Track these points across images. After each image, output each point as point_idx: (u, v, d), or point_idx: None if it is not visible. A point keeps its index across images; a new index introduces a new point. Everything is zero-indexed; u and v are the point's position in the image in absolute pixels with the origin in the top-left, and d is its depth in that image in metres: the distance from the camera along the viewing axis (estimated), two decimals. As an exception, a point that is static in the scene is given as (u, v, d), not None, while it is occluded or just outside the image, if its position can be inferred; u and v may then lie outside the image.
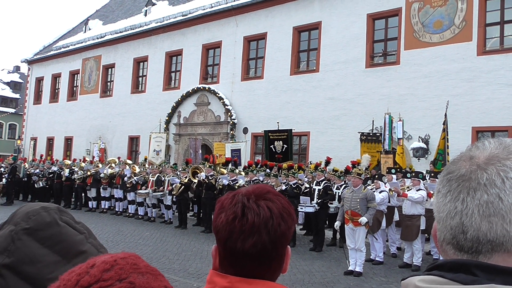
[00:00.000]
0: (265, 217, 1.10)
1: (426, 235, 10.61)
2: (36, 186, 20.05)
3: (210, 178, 14.61)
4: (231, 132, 21.67)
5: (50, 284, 0.94)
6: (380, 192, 10.43)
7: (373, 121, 15.92)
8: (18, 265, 0.92)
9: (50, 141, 32.75)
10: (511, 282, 0.71)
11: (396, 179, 11.53)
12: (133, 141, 26.95)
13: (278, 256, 1.13)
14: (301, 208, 11.84)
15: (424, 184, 10.51)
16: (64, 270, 0.96)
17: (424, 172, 11.93)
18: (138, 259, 0.71)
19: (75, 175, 18.80)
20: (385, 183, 11.17)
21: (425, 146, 15.71)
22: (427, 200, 10.08)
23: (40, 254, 0.94)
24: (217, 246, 1.17)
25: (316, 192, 11.95)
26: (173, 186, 15.23)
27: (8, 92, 52.65)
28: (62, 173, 19.46)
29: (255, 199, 1.13)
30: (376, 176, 11.65)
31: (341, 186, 12.34)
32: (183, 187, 14.99)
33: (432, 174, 11.51)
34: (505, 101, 14.67)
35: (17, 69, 56.60)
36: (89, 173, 18.44)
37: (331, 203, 11.92)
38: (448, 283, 0.73)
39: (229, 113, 21.84)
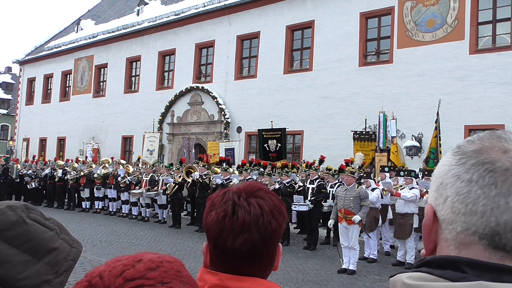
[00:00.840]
0: (256, 214, 1.09)
1: (420, 233, 10.65)
2: (28, 187, 19.93)
3: (204, 177, 14.59)
4: (225, 131, 21.65)
5: (20, 284, 0.92)
6: (372, 190, 10.45)
7: (365, 119, 15.96)
8: None
9: (42, 142, 32.57)
10: (500, 279, 0.70)
11: (390, 178, 11.57)
12: (127, 141, 26.86)
13: (269, 254, 1.13)
14: (295, 207, 11.84)
15: (417, 183, 10.54)
16: (35, 269, 0.94)
17: (417, 171, 11.96)
18: (182, 267, 0.71)
19: (68, 175, 18.71)
20: (376, 181, 11.20)
21: (418, 144, 15.76)
22: (420, 198, 10.12)
23: (8, 255, 0.91)
24: (208, 243, 1.16)
25: (310, 190, 11.96)
26: (167, 185, 15.20)
27: None
28: (55, 173, 19.35)
29: (246, 197, 1.12)
30: (365, 175, 11.68)
31: (335, 184, 12.36)
32: (177, 186, 14.97)
33: (426, 173, 11.55)
34: (497, 99, 14.75)
35: (8, 69, 56.25)
36: (82, 173, 18.36)
37: (325, 202, 11.93)
38: (436, 280, 0.72)
39: (222, 112, 21.82)
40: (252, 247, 1.08)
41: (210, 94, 22.32)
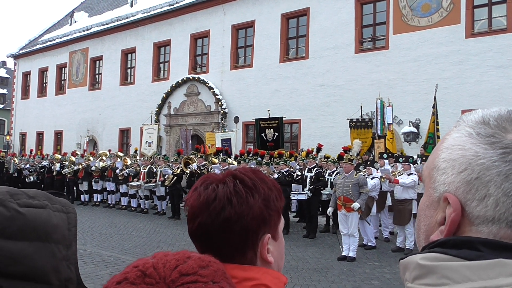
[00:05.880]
0: (207, 200, 1.09)
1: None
2: (27, 180, 19.93)
3: (202, 168, 14.58)
4: (222, 121, 21.60)
5: (43, 271, 0.91)
6: (372, 179, 10.45)
7: (361, 106, 15.90)
8: (6, 268, 0.87)
9: (39, 136, 32.49)
10: None
11: (389, 164, 11.56)
12: (124, 133, 26.81)
13: (226, 241, 1.07)
14: (294, 196, 11.85)
15: (415, 167, 10.54)
16: (49, 252, 0.93)
17: (415, 156, 11.96)
18: (225, 269, 0.73)
19: (65, 169, 18.70)
20: (377, 169, 11.19)
21: (415, 130, 15.76)
22: (418, 184, 10.12)
23: (20, 250, 0.89)
24: None
25: (308, 179, 11.97)
26: (166, 177, 15.20)
27: (-5, 88, 52.07)
28: (53, 167, 19.35)
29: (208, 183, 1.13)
30: (369, 163, 11.66)
31: (333, 172, 12.36)
32: (175, 177, 14.97)
33: (424, 158, 11.54)
34: (494, 83, 14.72)
35: (3, 64, 55.92)
36: (80, 166, 18.34)
37: (324, 190, 11.93)
38: (452, 259, 0.70)
39: (219, 103, 21.75)
40: (205, 232, 1.08)
41: (207, 84, 22.23)
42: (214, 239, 1.08)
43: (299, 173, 12.53)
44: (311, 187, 11.75)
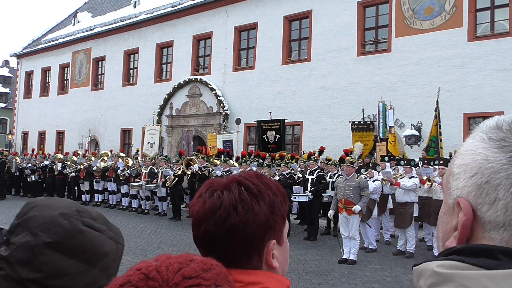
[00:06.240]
0: (213, 207, 1.06)
1: (420, 222, 10.68)
2: (28, 179, 19.96)
3: (203, 169, 14.59)
4: (224, 123, 21.61)
5: None
6: (373, 181, 10.44)
7: (363, 109, 15.90)
8: (47, 280, 0.88)
9: (41, 135, 32.54)
10: None
11: (390, 167, 11.55)
12: (126, 134, 26.83)
13: (235, 251, 1.07)
14: (295, 198, 11.85)
15: (416, 170, 10.53)
16: (91, 277, 0.92)
17: (417, 160, 11.94)
18: (227, 271, 0.73)
19: (67, 169, 18.72)
20: (378, 172, 11.19)
21: (417, 133, 15.75)
22: (420, 187, 10.11)
23: (66, 267, 0.90)
24: None
25: (310, 181, 11.96)
26: (167, 178, 15.21)
27: (-3, 87, 52.15)
28: (54, 167, 19.38)
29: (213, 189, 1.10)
30: (370, 165, 11.66)
31: (334, 175, 12.36)
32: (176, 179, 14.98)
33: (426, 161, 11.54)
34: (497, 86, 14.71)
35: (6, 63, 56.04)
36: (82, 166, 18.36)
37: (325, 192, 11.92)
38: (470, 268, 0.68)
39: (221, 104, 21.76)
40: (210, 238, 1.06)
41: (209, 86, 22.25)
42: (219, 246, 1.07)
43: (300, 175, 12.53)
44: (312, 189, 11.74)
